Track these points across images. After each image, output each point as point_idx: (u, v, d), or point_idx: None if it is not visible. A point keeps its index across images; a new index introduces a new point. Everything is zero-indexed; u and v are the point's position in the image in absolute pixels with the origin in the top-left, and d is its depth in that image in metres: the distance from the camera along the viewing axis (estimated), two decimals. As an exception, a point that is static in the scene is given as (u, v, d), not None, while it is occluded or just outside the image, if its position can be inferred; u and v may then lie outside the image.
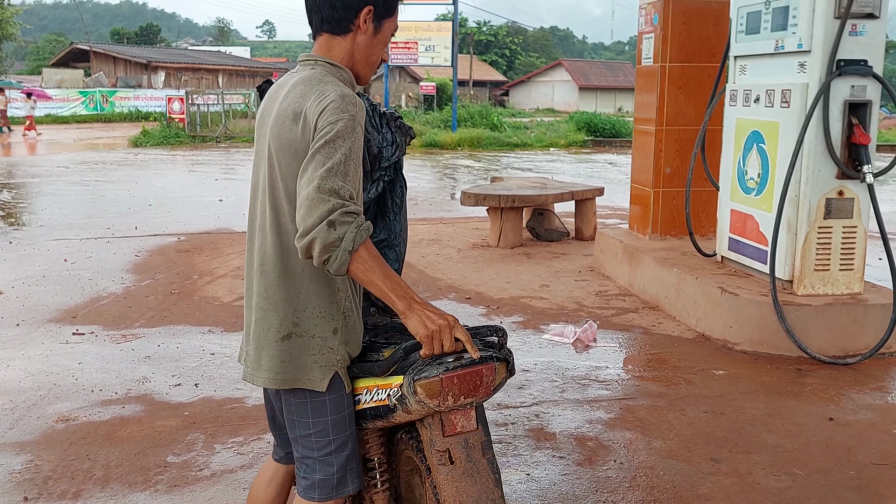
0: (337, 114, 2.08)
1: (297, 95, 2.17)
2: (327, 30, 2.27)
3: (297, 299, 2.22)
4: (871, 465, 3.83)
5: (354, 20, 2.24)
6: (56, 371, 5.05)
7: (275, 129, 2.19)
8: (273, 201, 2.21)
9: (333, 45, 2.28)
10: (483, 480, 2.25)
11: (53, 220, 10.95)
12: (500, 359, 2.24)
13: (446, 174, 18.41)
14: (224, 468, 3.77)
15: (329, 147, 2.05)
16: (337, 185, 2.02)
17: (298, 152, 2.12)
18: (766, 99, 5.63)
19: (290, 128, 2.14)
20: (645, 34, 7.42)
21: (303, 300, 2.22)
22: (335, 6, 2.22)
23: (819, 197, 5.32)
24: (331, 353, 2.25)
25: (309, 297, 2.22)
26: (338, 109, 2.08)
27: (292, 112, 2.15)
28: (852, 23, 5.14)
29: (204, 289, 7.14)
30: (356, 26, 2.25)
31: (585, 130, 28.95)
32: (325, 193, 2.01)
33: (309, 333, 2.23)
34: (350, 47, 2.28)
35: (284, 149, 2.15)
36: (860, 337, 5.33)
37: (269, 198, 2.21)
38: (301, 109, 2.13)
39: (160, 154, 22.21)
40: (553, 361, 5.26)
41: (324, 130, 2.07)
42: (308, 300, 2.22)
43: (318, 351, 2.24)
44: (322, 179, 2.02)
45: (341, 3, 2.22)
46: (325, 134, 2.06)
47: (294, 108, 2.15)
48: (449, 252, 8.75)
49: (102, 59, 49.45)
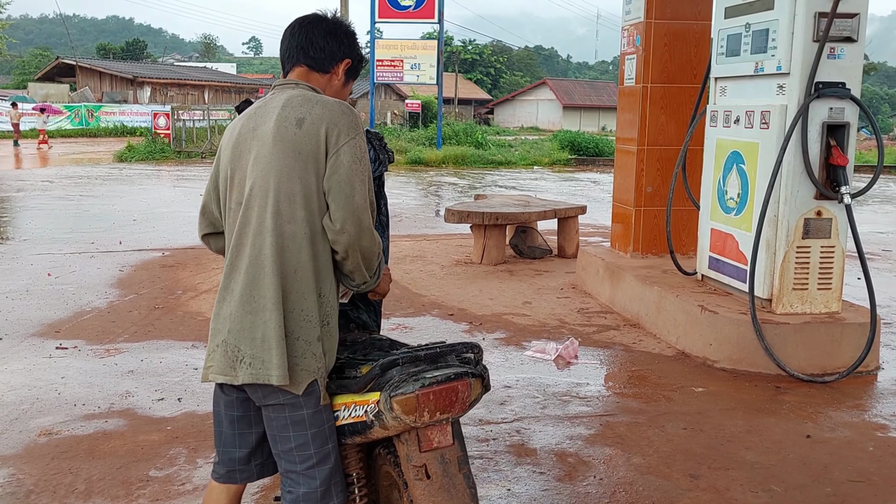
0: (355, 129, 2.34)
1: (297, 105, 2.34)
2: (309, 64, 2.52)
3: (288, 300, 2.29)
4: (847, 482, 3.88)
5: (335, 66, 2.54)
6: (39, 385, 5.04)
7: (277, 135, 2.31)
8: (273, 205, 2.29)
9: (311, 77, 2.53)
10: (459, 495, 2.28)
11: (37, 234, 10.91)
12: (476, 375, 2.28)
13: (431, 191, 18.47)
14: (206, 482, 3.73)
15: (362, 167, 2.34)
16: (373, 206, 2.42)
17: (301, 154, 2.28)
18: (746, 120, 5.71)
19: (294, 132, 2.30)
20: (627, 55, 7.52)
21: (292, 302, 2.29)
22: (324, 50, 2.52)
23: (798, 217, 5.39)
24: (313, 358, 2.30)
25: (298, 299, 2.29)
26: (351, 126, 2.34)
27: (295, 119, 2.32)
28: (831, 46, 5.24)
29: (188, 304, 7.14)
30: (334, 72, 2.55)
31: (569, 149, 29.14)
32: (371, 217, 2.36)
33: (294, 335, 2.29)
34: (324, 85, 2.54)
35: (287, 151, 2.29)
36: (838, 355, 5.40)
37: (271, 202, 2.30)
38: (304, 116, 2.31)
39: (145, 169, 22.16)
40: (534, 378, 5.29)
41: (348, 146, 2.31)
42: (297, 302, 2.29)
43: (302, 354, 2.29)
44: (366, 201, 2.34)
45: (329, 51, 2.52)
46: (353, 151, 2.32)
47: (297, 115, 2.32)
48: (432, 269, 8.79)
49: (88, 74, 49.33)
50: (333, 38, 2.52)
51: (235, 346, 2.33)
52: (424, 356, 2.28)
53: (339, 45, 2.52)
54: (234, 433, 2.52)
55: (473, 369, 2.28)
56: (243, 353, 2.31)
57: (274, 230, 2.27)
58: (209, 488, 2.65)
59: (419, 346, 2.40)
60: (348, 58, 2.55)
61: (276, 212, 2.28)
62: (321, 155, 2.28)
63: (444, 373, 2.21)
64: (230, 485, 2.60)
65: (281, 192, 2.27)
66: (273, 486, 3.56)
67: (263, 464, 2.56)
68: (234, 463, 2.56)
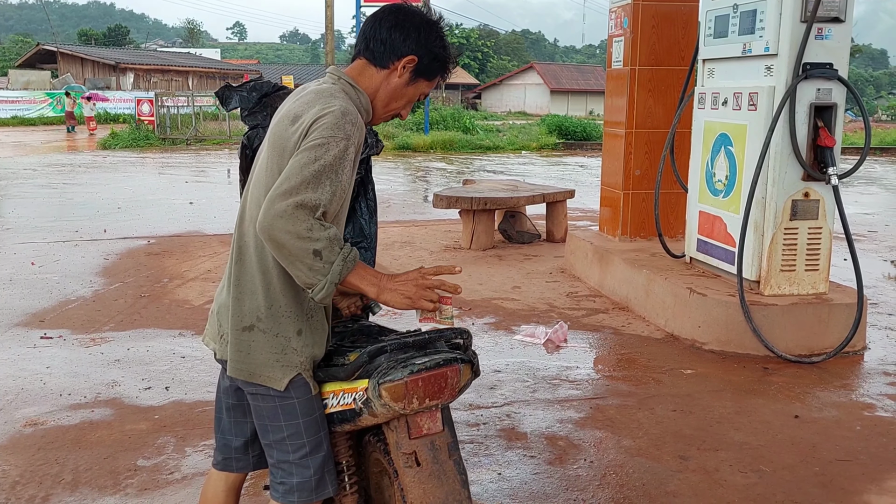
0: (332, 130, 2.10)
1: (305, 102, 2.22)
2: (368, 58, 2.33)
3: (267, 294, 2.24)
4: (835, 462, 3.90)
5: (395, 61, 2.31)
6: (24, 375, 4.99)
7: (273, 129, 2.25)
8: (253, 196, 2.25)
9: (367, 72, 2.34)
10: (450, 482, 2.27)
11: (20, 223, 10.81)
12: (465, 360, 2.25)
13: (419, 177, 18.41)
14: (195, 471, 3.75)
15: (315, 151, 2.07)
16: (314, 199, 2.04)
17: (285, 150, 2.16)
18: (734, 102, 5.70)
19: (286, 128, 2.19)
20: (615, 37, 7.49)
21: (271, 296, 2.24)
22: (385, 43, 2.30)
23: (785, 199, 5.39)
24: (294, 353, 2.26)
25: (277, 294, 2.24)
26: (334, 126, 2.11)
27: (293, 114, 2.20)
28: (818, 26, 5.22)
29: (174, 292, 7.10)
30: (394, 67, 2.32)
31: (557, 133, 29.07)
32: (303, 209, 2.03)
33: (272, 331, 2.25)
34: (380, 82, 2.33)
35: (274, 146, 2.20)
36: (825, 336, 5.41)
37: (254, 193, 2.26)
38: (302, 113, 2.18)
39: (129, 156, 22.00)
40: (524, 362, 5.29)
41: (312, 137, 2.10)
42: (276, 297, 2.24)
43: (281, 350, 2.25)
44: (299, 190, 2.04)
45: (391, 44, 2.30)
46: (314, 141, 2.09)
47: (296, 111, 2.21)
48: (421, 254, 8.76)
49: (70, 61, 48.91)
50: (399, 31, 2.30)
51: (218, 319, 2.36)
52: (413, 342, 2.26)
53: (403, 40, 2.30)
54: (231, 420, 2.52)
55: (463, 355, 2.26)
56: (223, 330, 2.33)
57: (253, 222, 2.23)
58: (208, 476, 2.65)
59: (408, 332, 2.37)
60: (413, 54, 2.30)
61: (256, 205, 2.22)
62: (294, 149, 2.15)
63: (433, 359, 2.19)
64: (228, 473, 2.59)
65: (262, 185, 2.21)
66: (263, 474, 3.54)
67: (261, 454, 2.53)
68: (230, 451, 2.55)
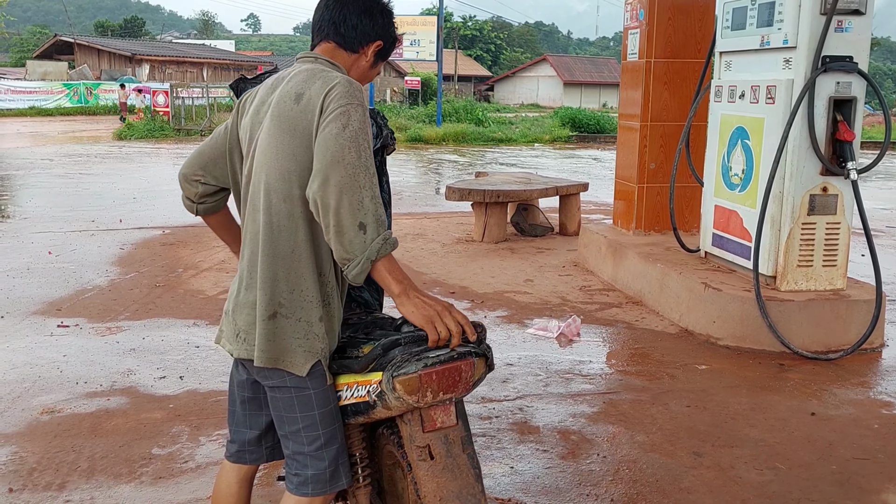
0: (347, 98, 2.17)
1: (301, 80, 2.24)
2: (338, 41, 2.39)
3: (286, 281, 2.23)
4: (852, 460, 3.87)
5: (365, 46, 2.41)
6: (41, 363, 5.02)
7: (275, 110, 2.23)
8: (266, 182, 2.23)
9: (338, 53, 2.40)
10: (463, 476, 2.26)
11: (37, 212, 10.88)
12: (479, 354, 2.24)
13: (431, 169, 18.40)
14: (209, 460, 3.76)
15: (351, 134, 2.12)
16: (368, 184, 2.10)
17: (297, 130, 2.18)
18: (752, 95, 5.66)
19: (291, 107, 2.20)
20: (630, 29, 7.44)
21: (291, 282, 2.24)
22: (356, 28, 2.37)
23: (803, 193, 5.35)
24: (315, 339, 2.26)
25: (297, 279, 2.24)
26: (347, 94, 2.17)
27: (294, 93, 2.21)
28: (838, 19, 5.17)
29: (189, 282, 7.12)
30: (363, 52, 2.41)
31: (570, 126, 29.01)
32: (361, 194, 2.08)
33: (295, 316, 2.24)
34: (350, 64, 2.42)
35: (283, 128, 2.20)
36: (843, 333, 5.37)
37: (264, 178, 2.24)
38: (303, 91, 2.20)
39: (144, 147, 22.09)
40: (537, 356, 5.28)
41: (330, 109, 2.14)
42: (295, 282, 2.24)
43: (304, 335, 2.25)
44: (353, 175, 2.08)
45: (362, 30, 2.38)
46: (335, 112, 2.13)
47: (297, 90, 2.22)
48: (433, 247, 8.75)
49: (86, 52, 49.09)
50: (368, 17, 2.38)
51: (234, 319, 2.33)
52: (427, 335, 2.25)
53: (373, 25, 2.39)
54: (245, 413, 2.51)
55: (477, 348, 2.25)
56: (239, 328, 2.31)
57: (268, 209, 2.23)
58: (221, 467, 2.64)
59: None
60: (380, 39, 2.42)
61: (271, 190, 2.22)
62: (314, 129, 2.17)
63: (447, 352, 2.18)
64: (241, 465, 2.58)
65: (275, 169, 2.20)
66: (276, 464, 3.55)
67: (274, 447, 2.54)
68: (244, 444, 2.54)
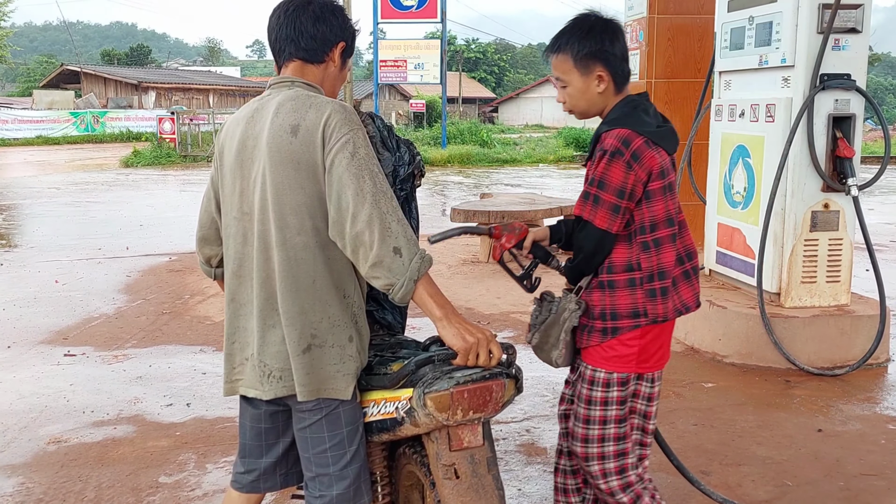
0: (347, 125, 2.18)
1: (291, 111, 2.22)
2: (302, 57, 2.36)
3: (313, 311, 2.24)
4: (859, 476, 3.86)
5: (329, 52, 2.37)
6: (47, 393, 5.04)
7: (272, 145, 2.21)
8: (277, 218, 2.21)
9: (306, 70, 2.37)
10: (488, 497, 2.26)
11: (45, 241, 10.93)
12: (510, 376, 2.25)
13: (436, 191, 18.45)
14: (216, 488, 3.77)
15: (361, 161, 2.15)
16: (390, 208, 2.15)
17: (301, 163, 2.17)
18: (751, 113, 5.69)
19: (290, 140, 2.18)
20: (631, 51, 7.43)
21: (318, 311, 2.24)
22: (315, 38, 2.34)
23: (805, 210, 5.37)
24: (350, 360, 2.28)
25: (323, 307, 2.24)
26: (346, 121, 2.19)
27: (290, 126, 2.19)
28: (835, 37, 5.20)
29: (195, 308, 7.14)
30: (329, 58, 2.38)
31: (574, 146, 29.02)
32: (387, 220, 2.13)
33: (328, 343, 2.25)
34: (322, 76, 2.39)
35: (285, 163, 2.19)
36: (848, 348, 5.37)
37: (274, 216, 2.22)
38: (298, 122, 2.19)
39: (151, 174, 22.20)
40: (543, 376, 5.27)
41: (334, 139, 2.16)
42: (323, 311, 2.24)
43: (339, 359, 2.26)
44: (375, 203, 2.12)
45: (322, 38, 2.34)
46: (339, 141, 2.16)
47: (291, 122, 2.20)
48: (439, 268, 8.77)
49: (93, 80, 49.46)
50: (323, 23, 2.33)
51: (262, 360, 2.30)
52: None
53: (330, 29, 2.34)
54: (262, 444, 2.49)
55: (507, 370, 2.26)
56: (270, 368, 2.28)
57: (283, 244, 2.21)
58: (227, 494, 2.61)
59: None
60: (342, 40, 2.38)
61: (284, 226, 2.20)
62: (319, 161, 2.17)
63: (479, 372, 2.20)
64: (250, 494, 2.56)
65: (285, 204, 2.19)
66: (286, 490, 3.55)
67: (288, 473, 2.53)
68: (260, 473, 2.52)
